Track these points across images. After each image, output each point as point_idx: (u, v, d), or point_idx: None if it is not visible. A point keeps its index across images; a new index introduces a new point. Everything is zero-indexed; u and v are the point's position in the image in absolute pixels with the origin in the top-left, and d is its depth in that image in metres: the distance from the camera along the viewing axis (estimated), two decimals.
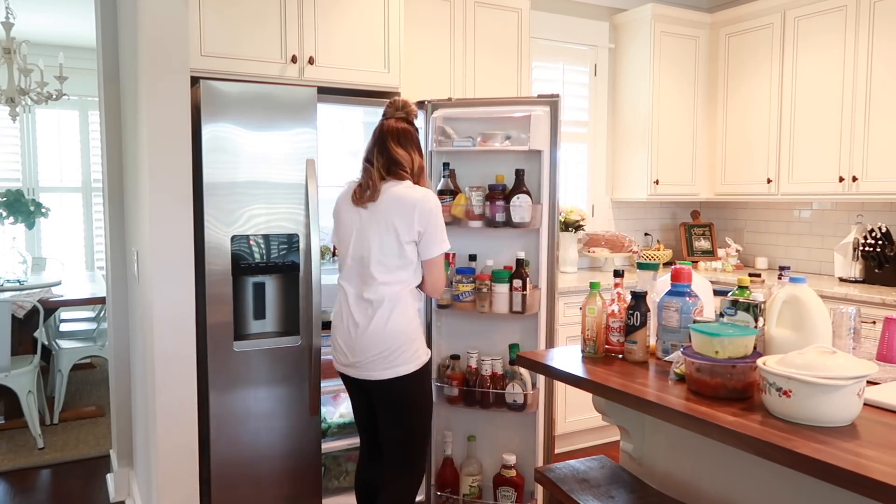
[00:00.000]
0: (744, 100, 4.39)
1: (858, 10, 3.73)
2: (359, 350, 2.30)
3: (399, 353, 2.29)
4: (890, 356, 1.89)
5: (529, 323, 2.97)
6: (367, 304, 2.30)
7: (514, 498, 2.92)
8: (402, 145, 2.38)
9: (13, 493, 3.48)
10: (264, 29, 2.81)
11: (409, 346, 2.31)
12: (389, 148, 2.36)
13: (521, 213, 2.86)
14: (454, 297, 2.93)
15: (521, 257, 2.88)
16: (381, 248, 2.29)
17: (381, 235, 2.29)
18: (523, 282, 2.85)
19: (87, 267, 6.48)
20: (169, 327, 2.46)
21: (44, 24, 5.54)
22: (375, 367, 2.29)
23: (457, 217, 2.94)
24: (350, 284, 2.36)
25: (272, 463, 2.70)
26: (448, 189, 2.96)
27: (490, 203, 2.90)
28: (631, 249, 4.42)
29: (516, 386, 2.89)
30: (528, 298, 2.86)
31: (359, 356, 2.31)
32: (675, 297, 1.95)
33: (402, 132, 2.39)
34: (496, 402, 2.92)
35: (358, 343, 2.30)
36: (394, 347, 2.28)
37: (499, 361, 2.95)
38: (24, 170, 6.21)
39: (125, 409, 3.39)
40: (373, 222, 2.31)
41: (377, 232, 2.30)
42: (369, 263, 2.30)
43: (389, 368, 2.29)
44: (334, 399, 3.24)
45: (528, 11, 3.83)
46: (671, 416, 1.59)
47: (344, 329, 2.36)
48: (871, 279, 3.80)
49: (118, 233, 3.30)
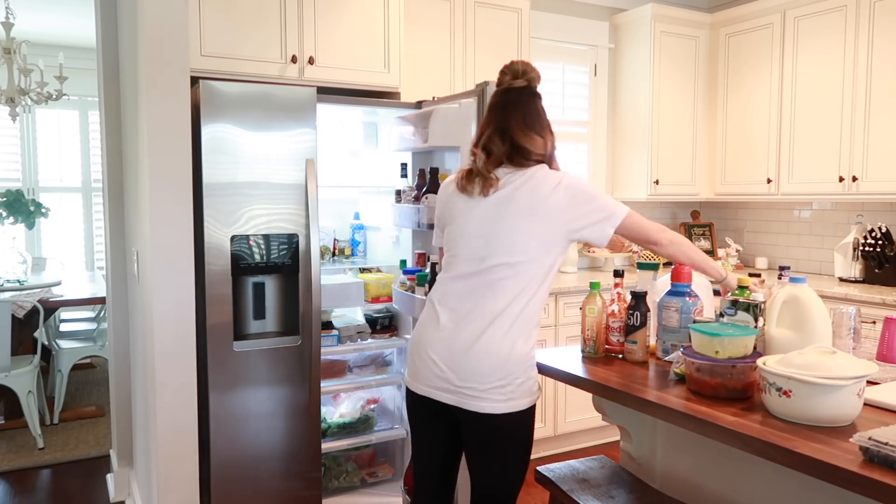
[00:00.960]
0: (744, 100, 4.39)
1: (858, 10, 3.72)
2: (468, 372, 1.80)
3: (519, 382, 1.81)
4: (890, 356, 1.89)
5: None
6: (486, 316, 1.82)
7: None
8: (526, 126, 1.89)
9: (13, 493, 3.48)
10: (264, 29, 2.81)
11: (528, 373, 1.84)
12: (512, 132, 1.88)
13: (431, 213, 2.63)
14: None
15: (434, 261, 2.71)
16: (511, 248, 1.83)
17: (513, 231, 1.82)
18: (430, 286, 2.67)
19: (87, 267, 6.48)
20: (169, 327, 2.45)
21: (44, 24, 5.54)
22: (489, 396, 1.79)
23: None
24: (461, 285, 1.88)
25: (272, 463, 2.70)
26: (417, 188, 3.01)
27: (416, 203, 2.86)
28: (631, 249, 4.42)
29: None
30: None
31: (468, 380, 1.80)
32: (675, 297, 1.95)
33: (527, 107, 1.91)
34: None
35: (467, 363, 1.80)
36: (515, 375, 1.80)
37: None
38: (24, 170, 6.21)
39: (125, 409, 3.39)
40: (499, 215, 1.85)
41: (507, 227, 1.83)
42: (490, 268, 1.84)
43: (508, 401, 1.79)
44: (334, 399, 3.24)
45: (528, 11, 3.83)
46: (671, 416, 1.59)
47: (444, 340, 1.85)
48: (871, 279, 3.80)
49: (118, 233, 3.30)
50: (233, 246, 2.58)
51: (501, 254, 1.83)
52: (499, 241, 1.84)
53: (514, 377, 1.81)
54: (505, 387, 1.80)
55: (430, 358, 1.87)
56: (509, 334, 1.81)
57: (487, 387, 1.80)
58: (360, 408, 3.23)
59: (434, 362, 1.86)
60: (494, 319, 1.81)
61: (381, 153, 3.39)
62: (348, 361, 3.23)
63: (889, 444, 1.22)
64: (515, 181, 1.86)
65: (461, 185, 1.92)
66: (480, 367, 1.80)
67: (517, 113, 1.90)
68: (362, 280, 3.13)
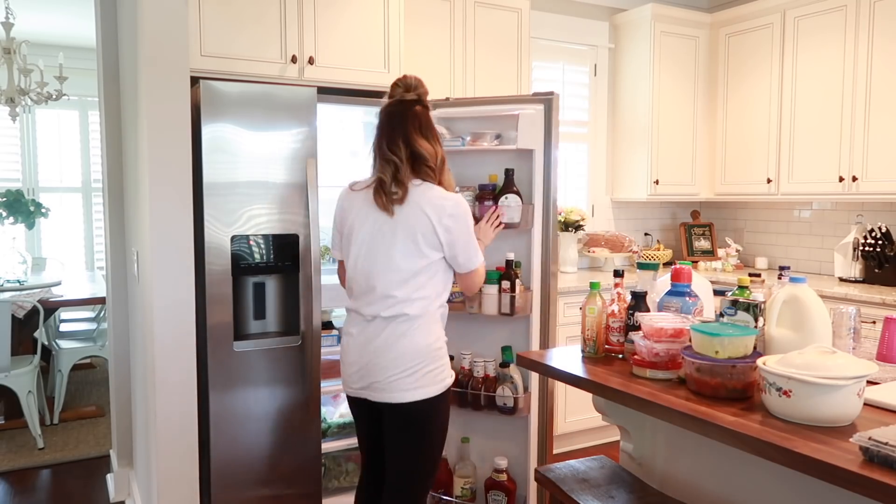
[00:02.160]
0: (744, 100, 4.39)
1: (858, 10, 3.72)
2: (378, 369, 2.06)
3: (423, 372, 2.05)
4: (890, 356, 1.89)
5: (523, 325, 2.93)
6: (387, 320, 2.07)
7: (504, 502, 2.89)
8: (424, 135, 2.10)
9: (13, 493, 3.48)
10: (264, 29, 2.81)
11: (433, 364, 2.08)
12: (412, 138, 2.08)
13: (511, 213, 2.79)
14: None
15: (510, 258, 2.84)
16: (403, 259, 2.06)
17: (404, 244, 2.06)
18: (512, 283, 2.81)
19: (87, 267, 6.47)
20: (169, 327, 2.45)
21: (44, 24, 5.54)
22: (395, 388, 2.05)
23: None
24: (364, 298, 2.12)
25: (272, 463, 2.70)
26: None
27: (479, 203, 2.86)
28: (631, 249, 4.42)
29: (506, 389, 2.85)
30: (517, 300, 2.81)
31: (378, 376, 2.06)
32: (675, 297, 1.95)
33: (422, 119, 2.11)
34: (487, 405, 2.89)
35: (377, 361, 2.07)
36: (417, 366, 2.05)
37: (491, 363, 2.91)
38: (24, 170, 6.21)
39: (125, 409, 3.39)
40: (395, 229, 2.07)
41: (399, 240, 2.06)
42: (388, 275, 2.07)
43: (411, 390, 2.04)
44: (334, 399, 3.24)
45: (528, 11, 3.83)
46: (671, 416, 1.59)
47: (357, 347, 2.12)
48: (871, 279, 3.80)
49: (118, 233, 3.30)
50: (233, 246, 2.58)
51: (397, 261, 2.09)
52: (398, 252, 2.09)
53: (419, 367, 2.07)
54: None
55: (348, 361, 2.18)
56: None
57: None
58: None
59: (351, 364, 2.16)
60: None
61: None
62: None
63: (889, 444, 1.22)
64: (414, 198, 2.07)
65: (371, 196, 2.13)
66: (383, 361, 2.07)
67: (415, 122, 2.10)
68: None
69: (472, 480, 2.99)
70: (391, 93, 2.16)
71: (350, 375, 2.16)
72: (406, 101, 2.12)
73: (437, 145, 2.13)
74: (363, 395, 2.14)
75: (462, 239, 2.10)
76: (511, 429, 2.97)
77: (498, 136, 2.93)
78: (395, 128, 2.10)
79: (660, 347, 1.78)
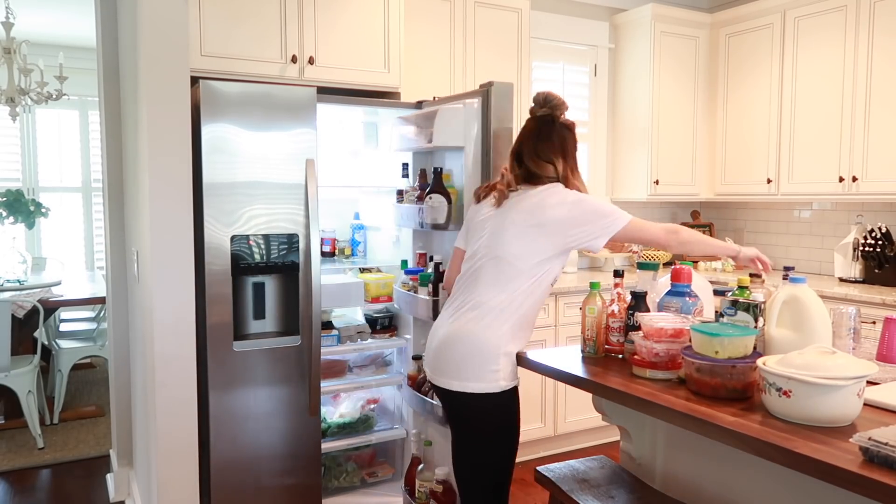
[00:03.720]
0: (744, 100, 4.38)
1: (858, 10, 3.72)
2: (445, 356, 2.08)
3: (485, 366, 2.01)
4: (890, 356, 1.89)
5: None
6: (470, 310, 2.06)
7: None
8: (535, 155, 2.08)
9: (13, 493, 3.48)
10: (264, 29, 2.81)
11: (496, 362, 2.02)
12: (523, 160, 2.11)
13: (434, 213, 2.70)
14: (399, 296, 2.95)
15: (437, 261, 2.73)
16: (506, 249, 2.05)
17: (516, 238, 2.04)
18: (435, 287, 2.69)
19: (87, 267, 6.47)
20: (169, 327, 2.45)
21: (44, 24, 5.54)
22: (458, 375, 2.04)
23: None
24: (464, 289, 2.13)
25: (272, 463, 2.70)
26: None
27: (418, 203, 2.83)
28: (631, 249, 4.42)
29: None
30: (439, 305, 2.64)
31: (441, 363, 2.09)
32: (675, 297, 1.95)
33: (536, 135, 2.10)
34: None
35: (446, 347, 2.08)
36: (480, 359, 2.02)
37: None
38: (24, 170, 6.20)
39: (125, 409, 3.39)
40: (503, 223, 2.07)
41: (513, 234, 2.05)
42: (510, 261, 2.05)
43: (467, 381, 2.02)
44: (334, 399, 3.24)
45: (528, 11, 3.83)
46: (671, 416, 1.59)
47: (437, 334, 2.14)
48: (871, 279, 3.80)
49: (118, 233, 3.30)
50: (233, 246, 2.58)
51: (496, 252, 2.07)
52: (499, 242, 2.07)
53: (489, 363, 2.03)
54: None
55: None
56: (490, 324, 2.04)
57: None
58: (360, 408, 3.23)
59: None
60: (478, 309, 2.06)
61: (381, 153, 3.39)
62: (348, 361, 3.23)
63: (889, 444, 1.22)
64: (524, 196, 2.08)
65: (480, 197, 2.22)
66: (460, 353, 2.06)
67: (530, 142, 2.12)
68: (362, 280, 3.13)
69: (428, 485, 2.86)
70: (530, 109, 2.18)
71: None
72: (535, 119, 2.15)
73: (558, 159, 2.08)
74: None
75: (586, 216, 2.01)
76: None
77: (425, 134, 2.83)
78: (516, 145, 2.18)
79: (660, 347, 1.78)
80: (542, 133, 2.11)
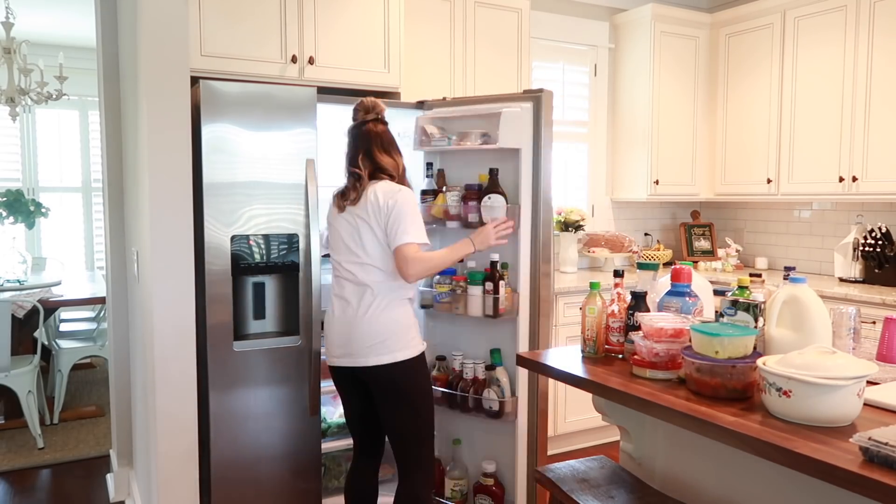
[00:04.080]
0: (744, 100, 4.39)
1: (858, 10, 3.72)
2: (354, 338, 2.36)
3: (394, 340, 2.34)
4: (890, 356, 1.89)
5: (511, 327, 2.87)
6: (360, 294, 2.38)
7: None
8: (386, 151, 2.45)
9: (13, 493, 3.48)
10: (264, 29, 2.81)
11: (404, 334, 2.37)
12: (375, 155, 2.43)
13: (493, 213, 2.74)
14: (434, 297, 2.93)
15: (494, 259, 2.80)
16: (363, 244, 2.38)
17: (363, 231, 2.38)
18: (495, 285, 2.79)
19: (87, 267, 6.47)
20: (169, 327, 2.45)
21: (44, 24, 5.54)
22: (371, 353, 2.34)
23: (436, 217, 2.94)
24: (342, 280, 2.44)
25: (272, 463, 2.70)
26: (432, 189, 2.98)
27: (464, 203, 2.86)
28: (631, 249, 4.42)
29: (492, 392, 2.83)
30: (501, 302, 2.78)
31: (354, 344, 2.36)
32: (675, 297, 1.95)
33: (383, 137, 2.46)
34: (475, 407, 2.88)
35: (354, 331, 2.36)
36: (388, 334, 2.34)
37: (481, 365, 2.90)
38: (24, 170, 6.21)
39: (125, 409, 3.39)
40: (356, 220, 2.39)
41: (363, 228, 2.38)
42: (357, 259, 2.39)
43: (385, 354, 2.34)
44: (334, 399, 3.23)
45: (528, 11, 3.83)
46: (671, 416, 1.59)
47: (338, 320, 2.42)
48: (871, 279, 3.80)
49: (118, 233, 3.30)
50: (233, 246, 2.58)
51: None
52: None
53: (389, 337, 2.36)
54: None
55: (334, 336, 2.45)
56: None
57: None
58: None
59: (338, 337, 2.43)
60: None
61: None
62: None
63: (889, 444, 1.22)
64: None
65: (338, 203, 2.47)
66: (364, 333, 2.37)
67: (375, 140, 2.44)
68: None
69: (462, 483, 2.98)
70: (353, 116, 2.48)
71: None
72: (367, 122, 2.45)
73: (398, 157, 2.47)
74: None
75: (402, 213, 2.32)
76: (500, 432, 2.93)
77: (485, 135, 2.87)
78: (357, 147, 2.44)
79: (660, 347, 1.78)
80: (383, 133, 2.46)
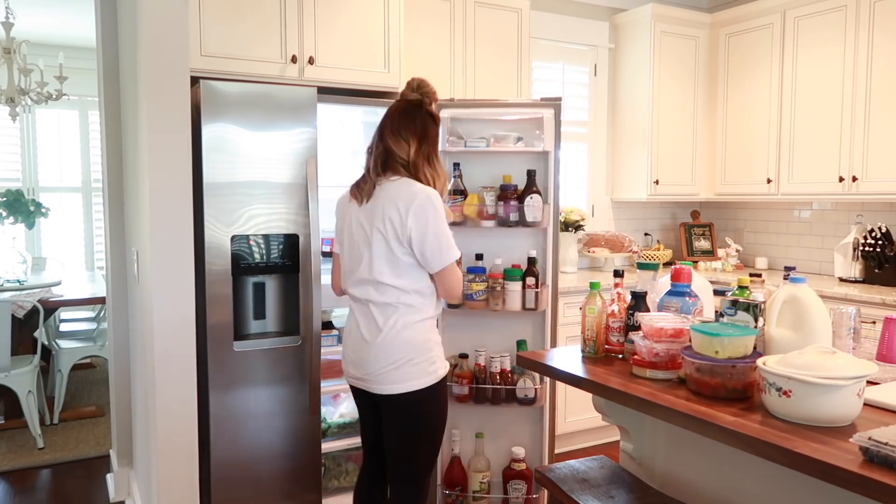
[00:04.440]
0: (744, 100, 4.39)
1: (858, 10, 3.72)
2: (368, 361, 2.11)
3: (410, 366, 2.08)
4: (890, 356, 1.89)
5: (535, 320, 3.09)
6: (373, 313, 2.11)
7: (524, 490, 2.99)
8: (397, 132, 2.13)
9: (13, 493, 3.48)
10: (264, 29, 2.81)
11: (422, 357, 2.10)
12: (385, 138, 2.14)
13: (534, 212, 2.96)
14: (466, 296, 2.95)
15: (532, 255, 2.98)
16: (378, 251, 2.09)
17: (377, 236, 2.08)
18: (536, 279, 2.96)
19: (87, 267, 6.47)
20: (169, 327, 2.45)
21: (44, 24, 5.54)
22: (385, 381, 2.09)
23: (468, 217, 3.00)
24: (354, 290, 2.17)
25: (272, 463, 2.70)
26: (458, 189, 3.01)
27: (504, 203, 2.98)
28: (631, 249, 4.42)
29: (527, 381, 2.97)
30: (539, 296, 2.97)
31: (367, 368, 2.11)
32: (675, 297, 1.95)
33: (401, 115, 2.15)
34: (507, 398, 2.99)
35: (367, 354, 2.11)
36: (404, 361, 2.07)
37: (507, 358, 3.02)
38: (24, 170, 6.20)
39: (125, 409, 3.39)
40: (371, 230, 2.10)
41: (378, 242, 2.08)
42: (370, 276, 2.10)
43: (399, 383, 2.08)
44: (334, 399, 3.24)
45: (528, 11, 3.83)
46: (671, 416, 1.59)
47: (353, 340, 2.18)
48: (871, 279, 3.80)
49: (118, 233, 3.30)
50: (233, 246, 2.58)
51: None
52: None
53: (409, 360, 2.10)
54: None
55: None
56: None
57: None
58: None
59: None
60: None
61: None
62: None
63: (889, 444, 1.22)
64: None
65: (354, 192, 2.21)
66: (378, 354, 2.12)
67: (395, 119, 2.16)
68: None
69: (488, 474, 3.05)
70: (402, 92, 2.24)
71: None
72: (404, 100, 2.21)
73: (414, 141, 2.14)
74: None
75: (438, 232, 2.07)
76: (525, 420, 3.13)
77: (520, 138, 3.05)
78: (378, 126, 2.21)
79: (660, 347, 1.78)
80: (406, 113, 2.17)
